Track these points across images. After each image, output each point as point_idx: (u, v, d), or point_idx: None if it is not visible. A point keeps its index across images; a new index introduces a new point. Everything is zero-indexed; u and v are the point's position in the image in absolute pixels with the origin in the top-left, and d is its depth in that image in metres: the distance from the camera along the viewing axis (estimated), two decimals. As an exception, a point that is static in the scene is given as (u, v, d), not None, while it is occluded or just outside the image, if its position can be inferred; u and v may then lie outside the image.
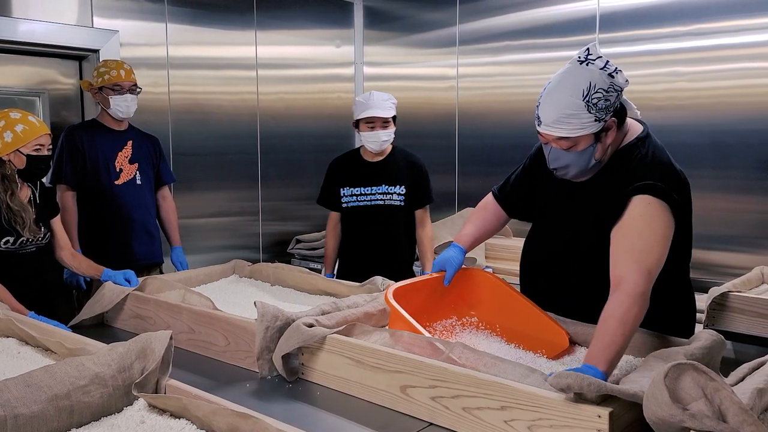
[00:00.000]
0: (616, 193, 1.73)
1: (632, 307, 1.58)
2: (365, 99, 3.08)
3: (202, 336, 2.06)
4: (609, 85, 1.68)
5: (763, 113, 3.10)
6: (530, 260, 2.07)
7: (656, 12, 3.40)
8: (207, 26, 4.00)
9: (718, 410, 1.17)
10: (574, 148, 1.74)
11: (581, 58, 1.71)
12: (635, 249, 1.66)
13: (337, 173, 3.19)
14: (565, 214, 1.92)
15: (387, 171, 3.11)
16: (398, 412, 1.62)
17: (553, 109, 1.72)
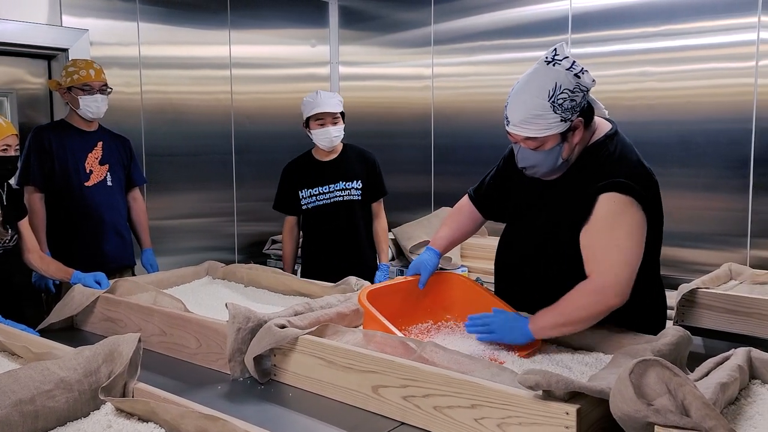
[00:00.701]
0: (584, 191, 1.75)
1: (582, 297, 1.70)
2: (313, 98, 3.17)
3: (174, 338, 2.04)
4: (575, 85, 1.70)
5: (731, 113, 3.16)
6: (503, 261, 2.08)
7: (627, 13, 3.45)
8: (180, 25, 3.96)
9: (682, 405, 1.19)
10: (541, 147, 1.76)
11: (548, 59, 1.72)
12: (598, 248, 1.71)
13: (292, 177, 3.23)
14: (536, 214, 1.93)
15: (342, 167, 3.18)
16: (370, 412, 1.63)
17: (519, 110, 1.74)
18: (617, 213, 1.71)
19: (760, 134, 3.08)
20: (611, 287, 1.68)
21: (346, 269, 2.75)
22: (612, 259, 1.70)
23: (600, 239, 1.71)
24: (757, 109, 3.08)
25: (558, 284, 1.83)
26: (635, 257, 1.71)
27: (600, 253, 1.71)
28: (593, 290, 1.70)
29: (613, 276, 1.69)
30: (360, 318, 2.07)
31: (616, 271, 1.69)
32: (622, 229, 1.71)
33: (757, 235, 3.11)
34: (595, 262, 1.72)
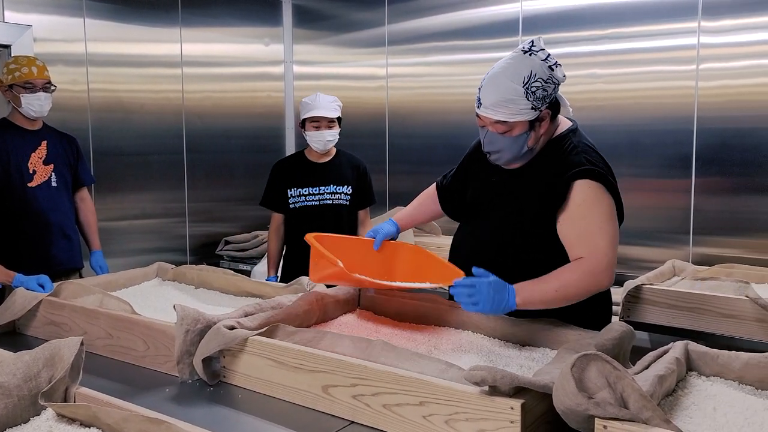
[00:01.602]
0: (550, 180, 1.81)
1: (577, 278, 1.73)
2: (311, 100, 3.17)
3: (121, 341, 2.00)
4: (548, 76, 1.76)
5: (674, 114, 3.26)
6: (463, 254, 2.06)
7: (575, 16, 3.53)
8: (128, 22, 3.89)
9: (621, 398, 1.23)
10: (509, 133, 1.80)
11: (525, 49, 1.78)
12: (584, 234, 1.76)
13: (283, 174, 3.22)
14: (498, 206, 1.95)
15: (334, 171, 3.21)
16: (320, 412, 1.62)
17: (493, 93, 1.77)
18: (593, 198, 1.77)
19: (700, 135, 3.19)
20: (604, 270, 1.74)
21: None
22: (599, 243, 1.75)
23: (583, 225, 1.77)
24: (697, 110, 3.19)
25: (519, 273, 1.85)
26: (617, 239, 1.78)
27: (586, 238, 1.76)
28: (588, 271, 1.73)
29: (605, 258, 1.74)
30: (312, 317, 2.07)
31: (606, 252, 1.74)
32: (602, 214, 1.77)
33: (699, 233, 3.22)
34: (583, 246, 1.76)
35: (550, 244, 1.83)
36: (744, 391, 1.49)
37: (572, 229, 1.78)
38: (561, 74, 1.80)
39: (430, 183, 2.30)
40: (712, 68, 3.16)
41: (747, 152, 3.10)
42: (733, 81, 3.12)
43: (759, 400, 1.44)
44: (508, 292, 1.72)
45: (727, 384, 1.51)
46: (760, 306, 2.27)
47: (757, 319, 2.29)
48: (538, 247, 1.86)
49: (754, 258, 3.05)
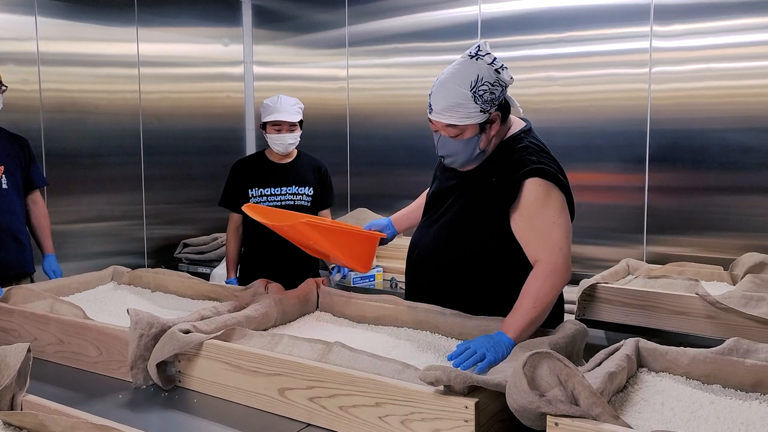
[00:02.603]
0: (502, 180, 1.85)
1: (545, 283, 1.75)
2: (273, 102, 3.15)
3: (72, 347, 1.96)
4: (495, 79, 1.80)
5: (628, 116, 3.34)
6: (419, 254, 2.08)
7: (532, 19, 3.58)
8: (82, 21, 3.80)
9: (572, 395, 1.25)
10: (460, 136, 1.84)
11: (472, 54, 1.82)
12: (539, 230, 1.80)
13: (243, 174, 3.19)
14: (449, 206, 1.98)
15: (296, 172, 3.20)
16: (277, 415, 1.61)
17: (443, 98, 1.81)
18: (544, 195, 1.81)
19: (653, 136, 3.27)
20: (563, 265, 1.78)
21: (284, 274, 2.70)
22: (554, 238, 1.79)
23: (536, 222, 1.81)
24: (650, 112, 3.27)
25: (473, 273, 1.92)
26: (570, 232, 1.83)
27: (542, 236, 1.80)
28: (550, 273, 1.77)
29: (561, 254, 1.78)
30: (270, 320, 2.06)
31: (561, 246, 1.79)
32: (554, 208, 1.81)
33: (653, 232, 3.30)
34: (538, 244, 1.80)
35: (503, 243, 1.87)
36: (691, 385, 1.53)
37: (526, 227, 1.82)
38: (508, 77, 1.83)
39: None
40: (664, 71, 3.24)
41: (697, 153, 3.19)
42: (684, 84, 3.20)
43: (705, 394, 1.48)
44: (498, 335, 1.71)
45: (675, 379, 1.56)
46: (709, 303, 2.33)
47: (707, 315, 2.36)
48: (491, 245, 1.89)
49: (705, 256, 3.13)
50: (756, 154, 3.06)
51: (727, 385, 1.51)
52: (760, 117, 3.04)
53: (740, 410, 1.40)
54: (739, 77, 3.08)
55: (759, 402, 1.43)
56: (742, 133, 3.08)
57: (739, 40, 3.08)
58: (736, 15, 3.06)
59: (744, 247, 2.98)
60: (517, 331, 1.71)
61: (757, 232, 3.06)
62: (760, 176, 3.05)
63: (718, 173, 3.15)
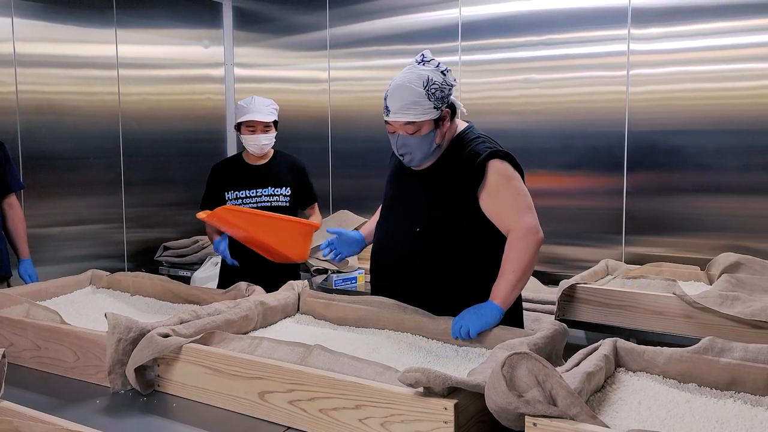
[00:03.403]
0: (465, 167, 2.00)
1: (519, 247, 1.94)
2: (247, 103, 3.14)
3: (49, 352, 1.93)
4: (443, 80, 1.99)
5: (606, 118, 3.37)
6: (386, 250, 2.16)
7: (512, 22, 3.60)
8: (60, 22, 3.77)
9: (550, 395, 1.26)
10: (418, 132, 1.99)
11: (419, 61, 2.02)
12: (507, 203, 1.98)
13: (220, 177, 3.18)
14: (415, 202, 2.09)
15: (272, 173, 3.19)
16: (257, 419, 1.61)
17: (399, 98, 1.97)
18: (506, 173, 2.00)
19: (631, 138, 3.31)
20: (533, 226, 1.97)
21: (265, 276, 2.72)
22: (521, 206, 1.99)
23: (504, 197, 1.99)
24: (628, 114, 3.31)
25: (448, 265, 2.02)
26: (531, 199, 2.02)
27: (509, 207, 1.98)
28: (522, 236, 1.95)
29: (530, 217, 1.98)
30: (250, 323, 2.05)
31: (527, 212, 1.99)
32: (516, 181, 2.01)
33: (631, 233, 3.34)
34: (508, 216, 1.98)
35: (476, 229, 2.01)
36: (668, 384, 1.55)
37: (495, 203, 1.99)
38: (452, 78, 2.02)
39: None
40: (642, 74, 3.28)
41: (674, 154, 3.23)
42: (661, 86, 3.24)
43: (681, 393, 1.50)
44: (487, 304, 1.92)
45: (652, 378, 1.58)
46: (686, 302, 2.36)
47: (684, 315, 2.39)
48: (465, 233, 2.02)
49: (682, 256, 3.17)
50: (731, 156, 3.10)
51: (702, 384, 1.53)
52: (735, 119, 3.09)
53: (715, 408, 1.42)
54: (715, 80, 3.13)
55: (733, 400, 1.45)
56: (717, 135, 3.13)
57: (714, 43, 3.13)
58: (711, 18, 3.11)
59: (720, 248, 3.03)
60: (501, 296, 1.92)
61: (732, 232, 3.10)
62: (735, 177, 3.10)
63: (695, 175, 3.19)
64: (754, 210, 3.06)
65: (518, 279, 1.94)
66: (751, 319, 2.22)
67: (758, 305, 2.26)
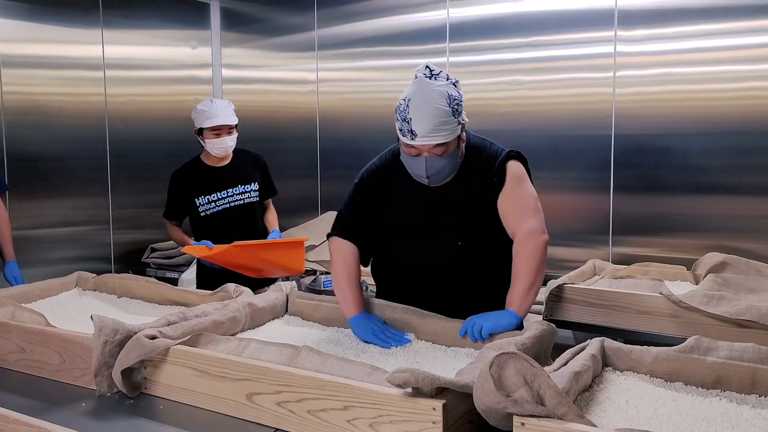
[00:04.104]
0: (482, 174, 1.98)
1: (527, 249, 1.93)
2: (208, 107, 3.14)
3: (34, 355, 1.91)
4: (458, 93, 1.92)
5: (593, 120, 3.39)
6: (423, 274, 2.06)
7: (499, 24, 3.62)
8: (45, 23, 3.74)
9: (538, 395, 1.26)
10: (446, 152, 1.92)
11: (428, 75, 1.91)
12: (517, 204, 1.98)
13: (185, 185, 3.17)
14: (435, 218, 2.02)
15: (239, 171, 3.21)
16: (244, 420, 1.60)
17: (428, 121, 1.86)
18: (520, 173, 2.02)
19: (618, 140, 3.33)
20: (537, 227, 1.96)
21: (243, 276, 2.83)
22: (528, 206, 1.98)
23: (515, 196, 1.98)
24: (615, 116, 3.33)
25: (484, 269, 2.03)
26: (538, 201, 2.02)
27: (519, 208, 1.98)
28: (524, 239, 1.94)
29: (534, 219, 1.97)
30: (238, 325, 2.04)
31: (534, 214, 1.98)
32: (526, 183, 2.02)
33: (618, 233, 3.36)
34: (516, 217, 1.97)
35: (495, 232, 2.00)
36: (654, 384, 1.56)
37: (508, 203, 1.98)
38: (460, 88, 1.95)
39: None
40: (628, 76, 3.30)
41: (661, 155, 3.25)
42: (647, 88, 3.26)
43: (668, 392, 1.51)
44: (506, 311, 1.90)
45: (639, 378, 1.58)
46: (672, 302, 2.37)
47: (670, 315, 2.40)
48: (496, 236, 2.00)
49: (669, 256, 3.20)
50: (716, 157, 3.13)
51: (688, 383, 1.54)
52: (721, 120, 3.12)
53: (701, 407, 1.43)
54: (700, 81, 3.16)
55: (719, 398, 1.46)
56: (703, 136, 3.16)
57: (699, 45, 3.15)
58: (696, 21, 3.14)
59: (706, 247, 3.05)
60: (516, 304, 1.90)
61: (718, 232, 3.13)
62: (720, 178, 3.13)
63: (681, 175, 3.22)
64: (739, 210, 3.09)
65: (530, 284, 1.92)
66: (737, 319, 2.24)
67: (743, 304, 2.27)
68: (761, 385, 1.47)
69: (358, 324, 1.99)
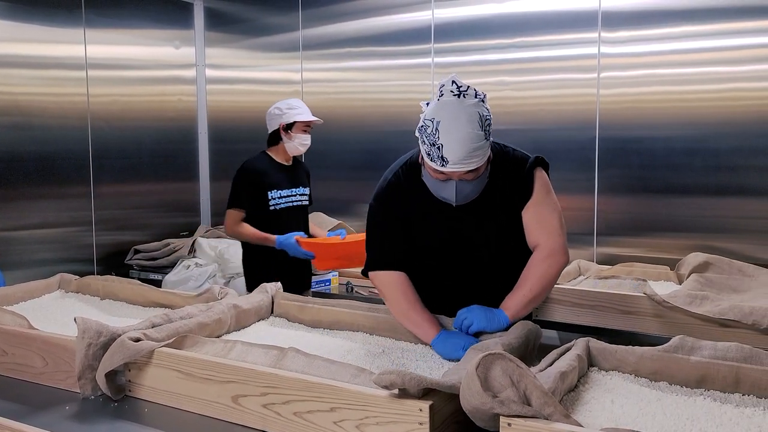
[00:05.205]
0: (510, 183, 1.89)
1: (542, 266, 1.87)
2: (298, 104, 3.20)
3: (16, 358, 1.89)
4: (487, 110, 1.77)
5: (578, 120, 3.42)
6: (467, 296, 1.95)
7: (484, 25, 3.63)
8: (27, 22, 3.70)
9: (524, 395, 1.26)
10: (476, 176, 1.81)
11: (455, 92, 1.74)
12: (543, 216, 1.91)
13: (261, 176, 3.14)
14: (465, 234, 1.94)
15: (299, 174, 3.28)
16: (230, 423, 1.59)
17: (461, 147, 1.72)
18: (546, 182, 1.95)
19: (602, 141, 3.35)
20: (560, 247, 1.89)
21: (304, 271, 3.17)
22: (554, 223, 1.91)
23: (541, 208, 1.91)
24: (599, 117, 3.35)
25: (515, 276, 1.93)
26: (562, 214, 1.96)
27: (546, 221, 1.90)
28: (547, 256, 1.87)
29: (560, 238, 1.90)
30: (224, 327, 2.03)
31: (560, 232, 1.91)
32: (553, 194, 1.95)
33: (602, 234, 3.38)
34: (541, 230, 1.90)
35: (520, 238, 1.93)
36: (639, 383, 1.57)
37: (534, 213, 1.91)
38: (487, 102, 1.81)
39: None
40: (612, 77, 3.33)
41: (644, 156, 3.28)
42: (631, 89, 3.29)
43: (652, 392, 1.52)
44: (497, 311, 1.85)
45: (623, 377, 1.59)
46: (656, 302, 2.40)
47: (654, 314, 2.42)
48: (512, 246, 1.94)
49: (652, 257, 3.22)
50: (699, 157, 3.17)
51: (673, 382, 1.55)
52: (704, 121, 3.15)
53: (686, 406, 1.44)
54: (683, 82, 3.19)
55: (703, 397, 1.48)
56: (686, 137, 3.19)
57: (682, 46, 3.19)
58: (679, 22, 3.17)
59: (689, 248, 3.08)
60: (512, 311, 1.84)
61: (701, 232, 3.16)
62: (703, 178, 3.16)
63: (664, 176, 3.25)
64: (721, 210, 3.13)
65: (534, 297, 1.86)
66: (720, 318, 2.26)
67: (726, 304, 2.30)
68: (744, 384, 1.48)
69: (441, 345, 1.82)
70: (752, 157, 3.06)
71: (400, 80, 4.01)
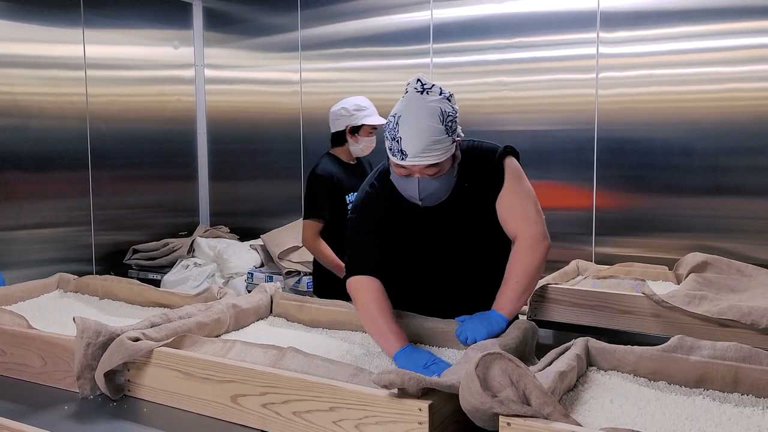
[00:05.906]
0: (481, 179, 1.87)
1: (526, 256, 1.86)
2: (366, 104, 3.01)
3: (15, 358, 1.89)
4: (452, 108, 1.77)
5: (576, 120, 3.42)
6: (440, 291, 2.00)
7: (483, 25, 3.63)
8: (26, 21, 3.70)
9: (523, 395, 1.27)
10: (439, 173, 1.79)
11: (419, 89, 1.75)
12: (517, 206, 1.88)
13: (340, 182, 2.96)
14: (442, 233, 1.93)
15: (366, 170, 3.01)
16: (229, 423, 1.59)
17: (419, 140, 1.71)
18: (518, 171, 1.91)
19: (601, 141, 3.36)
20: (540, 235, 1.88)
21: None
22: (530, 210, 1.89)
23: (516, 196, 1.88)
24: (598, 117, 3.36)
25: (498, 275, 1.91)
26: (538, 201, 1.93)
27: (521, 209, 1.88)
28: (529, 245, 1.86)
29: (538, 225, 1.88)
30: (223, 326, 2.03)
31: (537, 219, 1.89)
32: (526, 182, 1.92)
33: (601, 234, 3.39)
34: (518, 218, 1.88)
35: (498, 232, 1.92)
36: (638, 383, 1.57)
37: (507, 204, 1.89)
38: (454, 101, 1.81)
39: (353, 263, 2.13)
40: (611, 77, 3.33)
41: (643, 156, 3.28)
42: (629, 89, 3.30)
43: (651, 391, 1.52)
44: (491, 312, 1.83)
45: (622, 377, 1.60)
46: (654, 302, 2.40)
47: (653, 314, 2.42)
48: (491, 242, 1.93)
49: (651, 256, 3.23)
50: (697, 157, 3.17)
51: (672, 382, 1.55)
52: (702, 121, 3.16)
53: (685, 405, 1.44)
54: (682, 83, 3.20)
55: (702, 397, 1.48)
56: (684, 137, 3.20)
57: (681, 47, 3.19)
58: (678, 23, 3.17)
59: (688, 247, 3.08)
60: (507, 309, 1.82)
61: (699, 232, 3.17)
62: (701, 178, 3.17)
63: (663, 176, 3.25)
64: (720, 210, 3.13)
65: (524, 289, 1.85)
66: (719, 318, 2.26)
67: (725, 304, 2.30)
68: (743, 384, 1.49)
69: (403, 359, 1.76)
70: (750, 157, 3.06)
71: (399, 80, 4.00)
